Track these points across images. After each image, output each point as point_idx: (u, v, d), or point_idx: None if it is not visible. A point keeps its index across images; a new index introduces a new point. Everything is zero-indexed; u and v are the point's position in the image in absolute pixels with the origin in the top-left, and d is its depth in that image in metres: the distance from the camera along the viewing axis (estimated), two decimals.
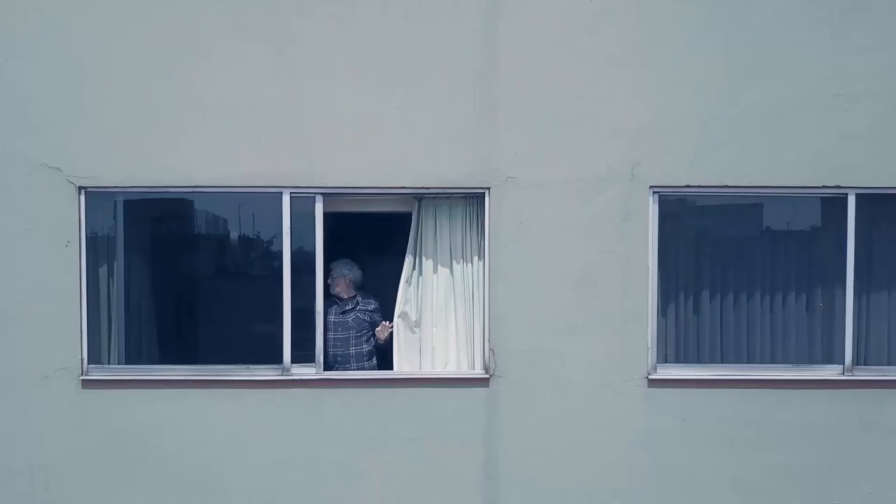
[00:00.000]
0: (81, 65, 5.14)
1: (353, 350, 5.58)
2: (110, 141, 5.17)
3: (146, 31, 5.15)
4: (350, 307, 5.65)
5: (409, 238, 5.38)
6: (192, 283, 5.67)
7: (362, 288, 5.77)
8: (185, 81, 5.17)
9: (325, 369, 5.33)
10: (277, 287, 5.25)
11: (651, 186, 5.20)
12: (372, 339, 5.64)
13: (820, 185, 5.24)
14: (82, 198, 5.19)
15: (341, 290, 5.67)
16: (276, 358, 5.29)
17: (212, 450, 5.26)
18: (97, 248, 5.33)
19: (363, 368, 5.54)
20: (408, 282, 5.42)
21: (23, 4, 5.12)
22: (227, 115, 5.17)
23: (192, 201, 5.53)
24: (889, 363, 5.45)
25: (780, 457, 5.32)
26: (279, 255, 5.26)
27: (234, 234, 5.74)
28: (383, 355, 5.62)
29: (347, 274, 5.67)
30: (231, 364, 5.32)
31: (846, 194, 5.25)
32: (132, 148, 5.18)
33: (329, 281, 5.53)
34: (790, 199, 5.40)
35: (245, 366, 5.31)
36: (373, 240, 6.26)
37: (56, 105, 5.14)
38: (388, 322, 5.50)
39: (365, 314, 5.68)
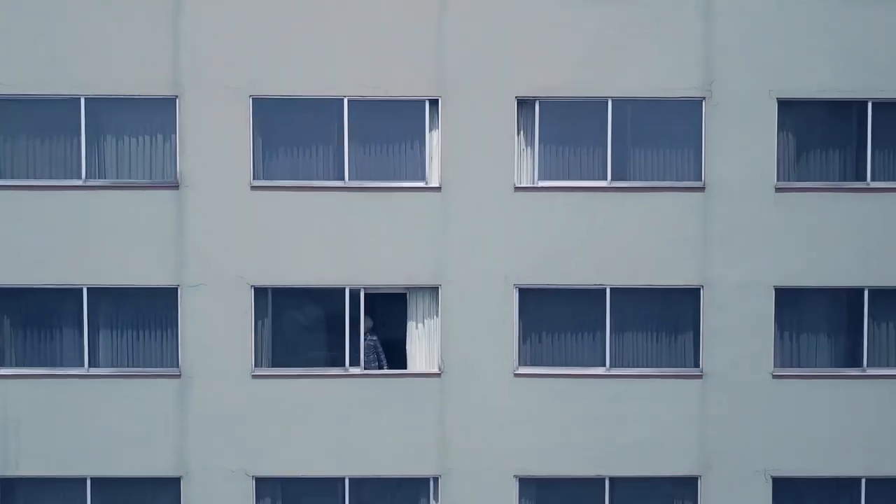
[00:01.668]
0: (254, 234, 11.25)
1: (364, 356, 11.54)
2: (263, 265, 11.25)
3: (276, 211, 11.26)
4: (364, 338, 11.57)
5: (407, 311, 11.44)
6: (301, 327, 11.68)
7: (373, 330, 11.72)
8: (294, 232, 11.25)
9: (364, 368, 11.42)
10: (342, 330, 11.32)
11: (515, 284, 11.30)
12: (374, 354, 11.59)
13: (592, 283, 11.34)
14: (252, 291, 11.27)
15: (366, 325, 11.66)
16: (340, 363, 11.35)
17: (309, 409, 11.29)
18: (257, 313, 11.38)
19: (369, 367, 11.48)
20: (410, 330, 11.50)
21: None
22: (311, 246, 11.24)
23: (303, 288, 11.55)
24: (629, 366, 11.48)
25: (586, 413, 11.33)
26: (343, 315, 11.32)
27: (320, 306, 11.76)
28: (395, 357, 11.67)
29: (367, 323, 11.65)
30: (319, 366, 11.38)
31: (605, 288, 11.35)
32: (274, 268, 11.25)
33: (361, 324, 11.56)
34: (582, 289, 11.46)
35: (324, 367, 11.38)
36: (386, 307, 12.25)
37: (237, 248, 11.22)
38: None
39: (370, 341, 11.61)
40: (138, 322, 11.48)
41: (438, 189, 11.28)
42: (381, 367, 11.62)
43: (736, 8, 11.11)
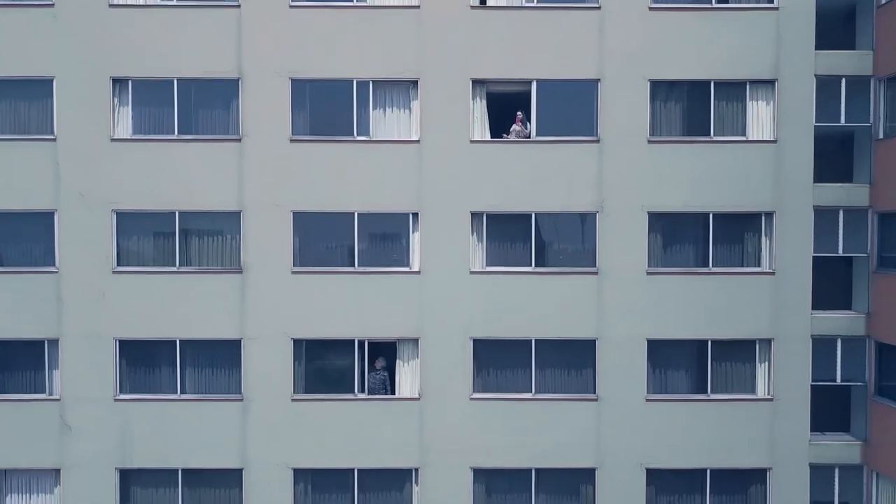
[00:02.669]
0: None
1: (376, 387, 16.89)
2: (300, 324, 16.56)
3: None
4: (378, 372, 16.93)
5: (396, 354, 16.79)
6: (325, 366, 16.96)
7: (385, 367, 17.02)
8: (320, 301, 16.56)
9: (368, 394, 16.73)
10: (352, 368, 16.66)
11: (470, 337, 16.62)
12: (384, 384, 16.90)
13: (522, 336, 16.65)
14: (292, 342, 16.58)
15: (377, 365, 16.96)
16: (352, 390, 16.68)
17: (330, 422, 16.61)
18: (295, 356, 16.68)
19: (379, 393, 16.82)
20: (399, 368, 16.85)
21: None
22: (332, 311, 16.55)
23: (326, 339, 16.84)
24: (548, 392, 16.78)
25: (519, 424, 16.64)
26: (353, 357, 16.65)
27: (338, 351, 17.03)
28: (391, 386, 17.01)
29: (380, 360, 16.96)
30: (337, 393, 16.72)
31: (531, 339, 16.66)
32: (307, 326, 16.57)
33: (375, 363, 16.86)
34: (516, 340, 16.77)
35: (341, 393, 16.71)
36: (382, 352, 17.51)
37: (282, 312, 16.54)
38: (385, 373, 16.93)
39: (382, 375, 16.96)
40: (213, 363, 16.80)
41: (418, 272, 16.60)
42: (386, 394, 16.89)
43: (619, 151, 16.45)
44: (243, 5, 16.31)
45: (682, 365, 16.90)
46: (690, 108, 16.71)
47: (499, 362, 16.86)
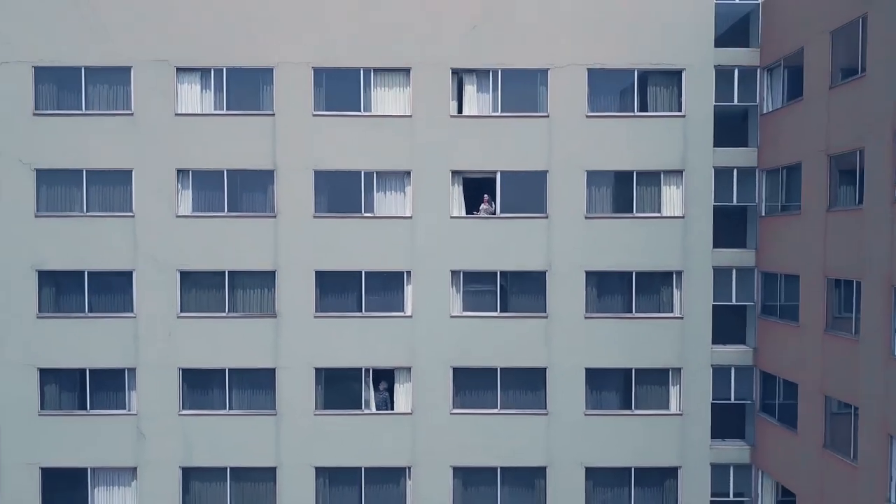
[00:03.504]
0: None
1: (380, 405, 21.98)
2: (320, 356, 21.70)
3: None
4: (381, 393, 22.00)
5: (394, 379, 21.91)
6: (340, 388, 22.05)
7: (387, 389, 22.10)
8: (336, 338, 21.70)
9: (373, 410, 21.84)
10: (360, 389, 21.76)
11: (450, 366, 21.74)
12: (385, 402, 21.97)
13: (490, 365, 21.79)
14: (314, 370, 21.73)
15: (381, 387, 22.04)
16: (360, 407, 21.78)
17: (344, 431, 21.71)
18: (317, 381, 21.81)
19: (382, 409, 21.90)
20: (396, 389, 21.98)
21: None
22: (345, 346, 21.70)
23: (341, 368, 21.98)
24: (511, 408, 21.88)
25: (487, 433, 21.74)
26: (361, 381, 21.75)
27: (349, 377, 22.15)
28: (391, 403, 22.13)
29: (383, 383, 22.05)
30: (350, 409, 21.81)
31: (497, 368, 21.79)
32: (325, 357, 21.69)
33: (379, 385, 21.96)
34: (485, 368, 21.89)
35: (356, 409, 21.80)
36: (388, 376, 22.63)
37: (306, 347, 21.68)
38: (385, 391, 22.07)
39: (384, 395, 22.03)
40: (254, 386, 21.91)
41: (411, 316, 21.71)
42: (387, 409, 21.96)
43: (563, 224, 21.56)
44: (277, 114, 21.45)
45: (613, 387, 21.99)
46: (617, 191, 21.81)
47: (472, 385, 21.95)
